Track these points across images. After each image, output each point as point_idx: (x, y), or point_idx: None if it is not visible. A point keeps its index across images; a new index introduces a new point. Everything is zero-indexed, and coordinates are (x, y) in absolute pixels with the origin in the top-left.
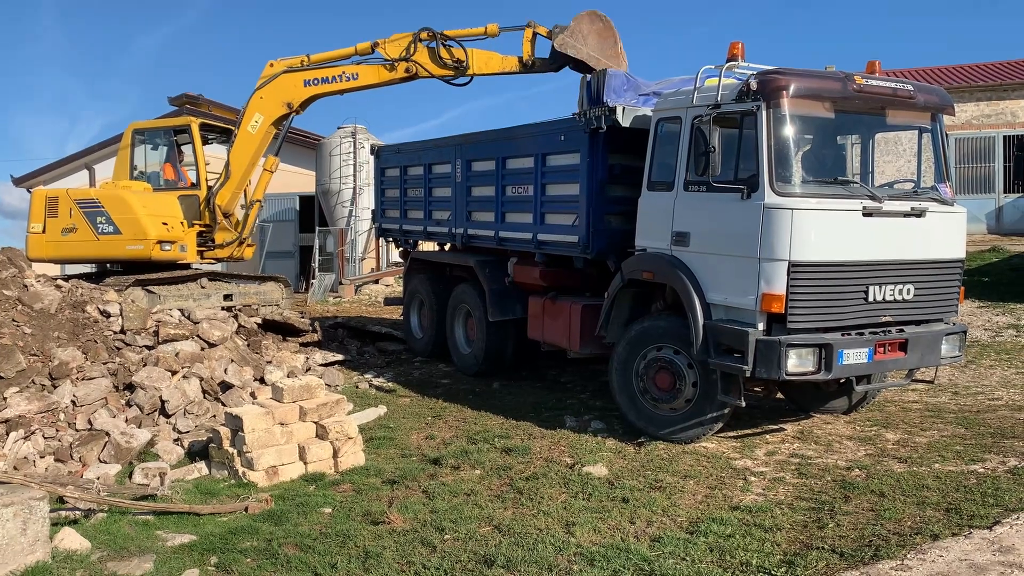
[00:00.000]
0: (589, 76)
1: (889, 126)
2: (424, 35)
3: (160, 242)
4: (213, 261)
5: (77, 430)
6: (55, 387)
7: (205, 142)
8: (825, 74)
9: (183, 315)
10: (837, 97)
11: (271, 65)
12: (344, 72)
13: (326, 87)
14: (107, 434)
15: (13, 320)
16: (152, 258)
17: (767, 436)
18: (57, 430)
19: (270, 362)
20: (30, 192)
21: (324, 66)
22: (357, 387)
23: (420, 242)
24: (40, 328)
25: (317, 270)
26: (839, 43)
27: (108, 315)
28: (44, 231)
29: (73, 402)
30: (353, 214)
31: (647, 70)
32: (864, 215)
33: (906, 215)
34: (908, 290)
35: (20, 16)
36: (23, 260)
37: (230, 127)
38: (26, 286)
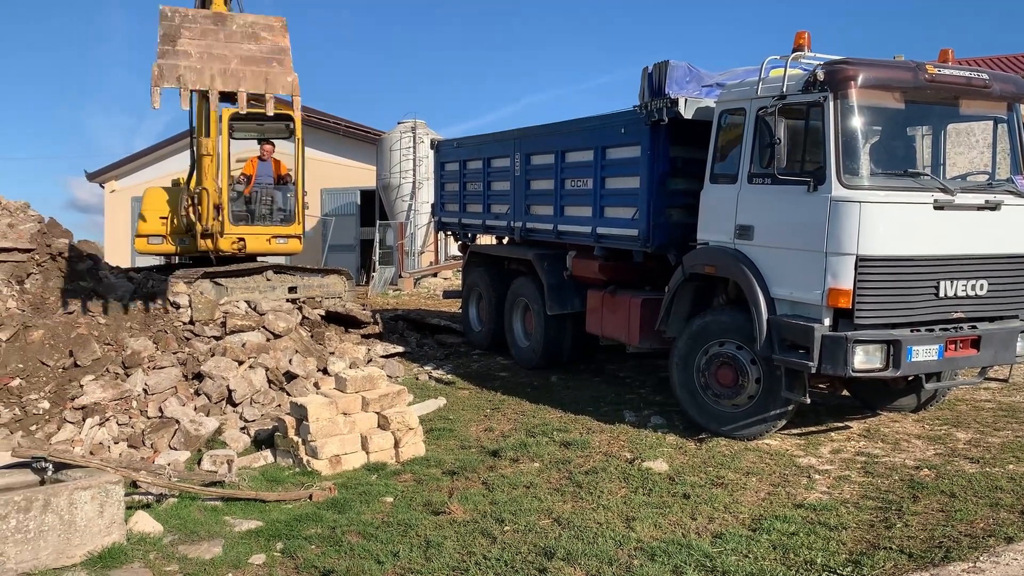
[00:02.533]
0: (651, 68)
1: (962, 116)
2: None
3: (145, 236)
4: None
5: (149, 417)
6: (128, 375)
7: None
8: (895, 64)
9: (249, 307)
10: (908, 87)
11: None
12: None
13: None
14: (177, 422)
15: (89, 311)
16: (140, 252)
17: (832, 434)
18: (130, 417)
19: (333, 353)
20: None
21: None
22: (417, 379)
23: (479, 235)
24: (114, 319)
25: (377, 263)
26: (910, 32)
27: (178, 306)
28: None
29: (145, 390)
30: (413, 208)
31: (710, 61)
32: (935, 208)
33: (980, 208)
34: (981, 285)
35: (90, 17)
36: (98, 252)
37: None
38: (101, 278)
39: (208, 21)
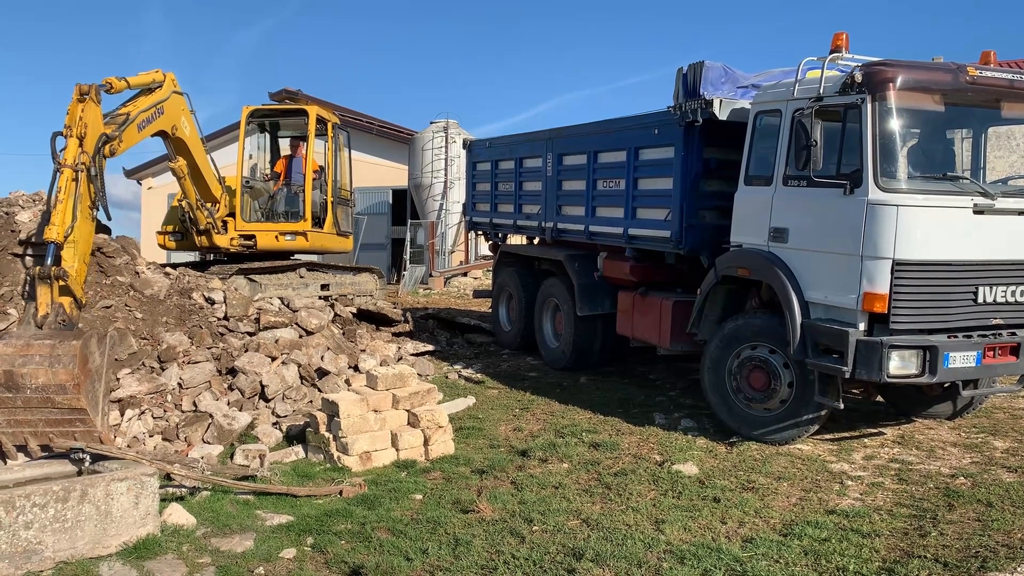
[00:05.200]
0: (686, 68)
1: (1004, 120)
2: None
3: (162, 232)
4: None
5: (183, 411)
6: (163, 370)
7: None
8: (935, 65)
9: (283, 303)
10: (948, 89)
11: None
12: None
13: None
14: (211, 416)
15: (126, 305)
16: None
17: (865, 440)
18: (165, 411)
19: (364, 350)
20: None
21: None
22: (447, 377)
23: (509, 235)
24: (150, 313)
25: (408, 262)
26: (951, 34)
27: (213, 302)
28: None
29: (179, 384)
30: (444, 207)
31: (745, 62)
32: (975, 213)
33: (1021, 213)
34: (1022, 292)
35: (129, 19)
36: (135, 248)
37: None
38: (138, 273)
39: (2, 389)
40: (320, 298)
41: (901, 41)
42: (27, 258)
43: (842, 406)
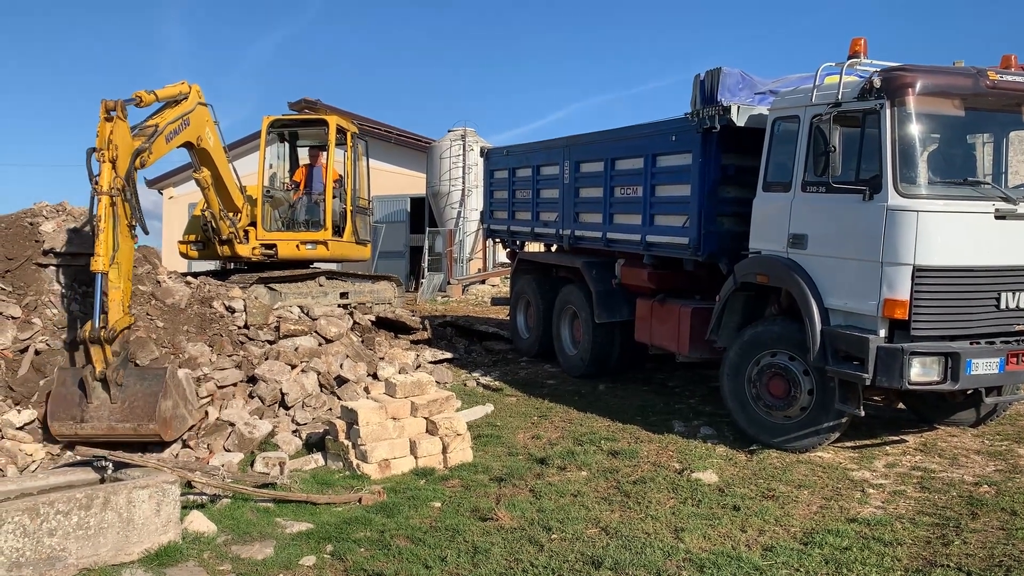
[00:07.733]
0: (703, 75)
1: None
2: None
3: (184, 242)
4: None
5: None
6: None
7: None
8: (954, 70)
9: (302, 312)
10: (968, 94)
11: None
12: None
13: None
14: (231, 424)
15: (147, 314)
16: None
17: (887, 447)
18: None
19: (382, 358)
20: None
21: None
22: (465, 385)
23: (527, 243)
24: (171, 322)
25: (426, 270)
26: (972, 38)
27: (233, 311)
28: None
29: None
30: (462, 215)
31: (763, 68)
32: (996, 218)
33: None
34: None
35: (146, 29)
36: (156, 257)
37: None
38: (159, 282)
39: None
40: (339, 306)
41: (921, 46)
42: (51, 268)
43: (863, 413)
